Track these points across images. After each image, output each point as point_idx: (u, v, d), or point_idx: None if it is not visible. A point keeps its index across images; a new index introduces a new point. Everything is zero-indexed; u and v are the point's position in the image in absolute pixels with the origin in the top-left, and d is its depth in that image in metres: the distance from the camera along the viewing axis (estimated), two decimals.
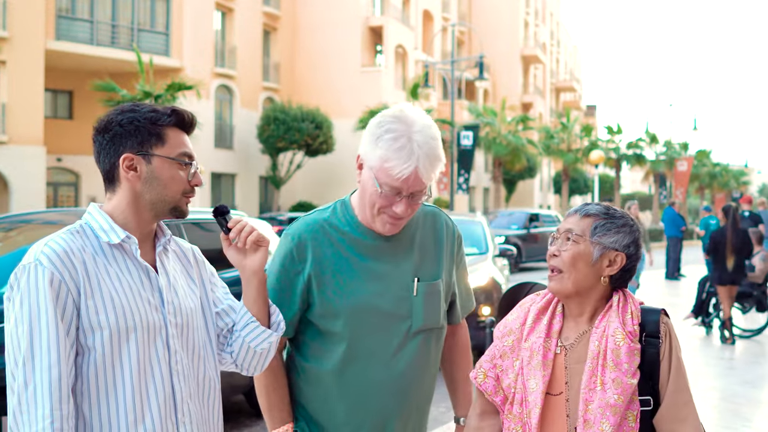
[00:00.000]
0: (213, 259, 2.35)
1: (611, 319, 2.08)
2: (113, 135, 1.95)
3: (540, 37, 61.83)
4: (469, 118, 39.50)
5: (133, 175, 1.94)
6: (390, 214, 2.21)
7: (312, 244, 2.26)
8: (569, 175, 47.27)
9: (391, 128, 2.16)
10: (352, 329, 2.23)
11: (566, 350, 2.13)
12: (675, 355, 2.07)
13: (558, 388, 2.12)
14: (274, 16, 37.09)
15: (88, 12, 28.69)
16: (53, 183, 29.41)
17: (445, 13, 49.97)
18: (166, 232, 2.07)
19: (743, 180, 69.39)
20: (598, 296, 2.14)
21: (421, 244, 2.36)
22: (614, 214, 2.16)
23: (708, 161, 60.08)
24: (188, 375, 1.99)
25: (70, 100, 31.07)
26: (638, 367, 2.03)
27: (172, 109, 1.99)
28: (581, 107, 71.12)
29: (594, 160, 19.85)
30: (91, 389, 1.85)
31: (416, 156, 2.13)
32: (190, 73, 29.84)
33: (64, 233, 1.91)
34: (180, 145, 1.99)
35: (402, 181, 2.14)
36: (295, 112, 32.58)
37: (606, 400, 2.00)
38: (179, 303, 2.01)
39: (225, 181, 34.24)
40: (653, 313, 2.11)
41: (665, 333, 2.08)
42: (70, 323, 1.82)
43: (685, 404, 2.05)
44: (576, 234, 2.13)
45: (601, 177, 52.87)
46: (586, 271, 2.11)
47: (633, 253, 2.15)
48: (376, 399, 2.25)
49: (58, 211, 6.80)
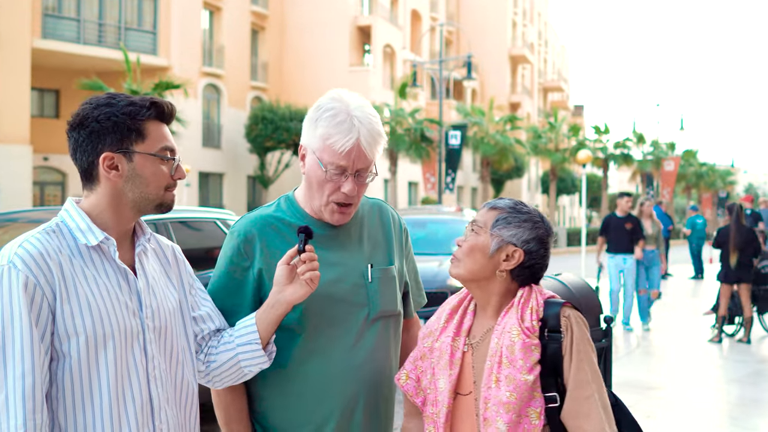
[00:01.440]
0: (198, 259, 2.33)
1: (510, 315, 2.04)
2: (90, 131, 1.87)
3: (528, 37, 61.93)
4: (457, 117, 39.51)
5: (114, 174, 1.87)
6: (337, 200, 2.18)
7: (260, 239, 2.22)
8: (557, 175, 47.37)
9: (329, 107, 2.16)
10: (309, 321, 2.18)
11: (473, 348, 2.10)
12: (576, 349, 1.99)
13: (467, 387, 2.08)
14: (262, 15, 37.01)
15: (75, 11, 28.53)
16: (40, 182, 29.23)
17: (434, 12, 49.99)
18: (146, 231, 2.00)
19: (729, 180, 69.65)
20: (498, 290, 2.10)
21: (370, 233, 2.35)
22: (520, 210, 2.11)
23: (694, 161, 60.34)
24: (166, 380, 1.94)
25: (57, 99, 30.88)
26: (541, 363, 1.98)
27: (150, 101, 1.91)
28: (569, 107, 71.26)
29: (581, 160, 19.80)
30: (66, 396, 1.78)
31: (357, 129, 2.13)
32: (178, 72, 29.74)
33: (40, 233, 1.83)
34: (161, 139, 1.92)
35: (345, 155, 2.12)
36: (283, 111, 32.53)
37: (499, 398, 1.96)
38: (158, 306, 1.95)
39: (213, 181, 34.14)
40: (554, 307, 2.04)
41: (566, 327, 2.01)
42: (44, 329, 1.75)
43: (587, 399, 1.96)
44: (478, 225, 2.12)
45: (588, 177, 52.96)
46: (483, 262, 2.08)
47: (534, 250, 2.08)
48: (339, 391, 2.19)
49: (44, 209, 6.75)
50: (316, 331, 2.19)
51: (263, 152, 33.42)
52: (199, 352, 2.10)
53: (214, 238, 6.24)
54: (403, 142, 31.36)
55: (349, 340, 2.22)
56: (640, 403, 7.07)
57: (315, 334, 2.19)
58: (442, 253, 9.55)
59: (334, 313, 2.21)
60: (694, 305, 14.31)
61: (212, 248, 6.22)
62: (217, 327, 2.13)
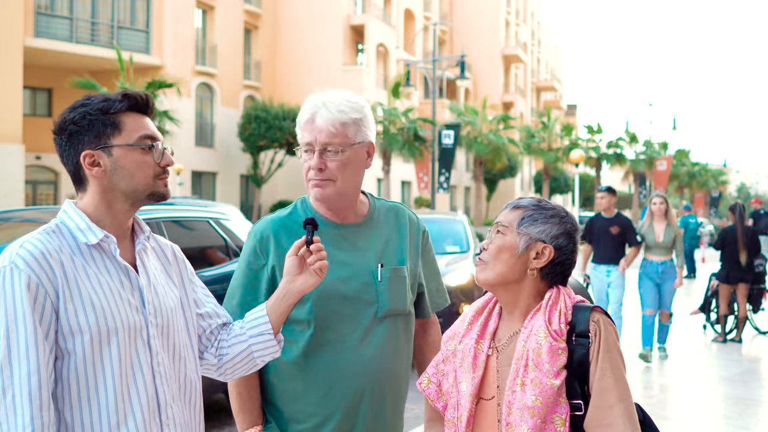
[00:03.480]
0: (193, 258, 2.36)
1: (537, 318, 1.98)
2: (69, 134, 1.89)
3: (521, 36, 61.99)
4: (451, 117, 39.55)
5: (97, 171, 1.88)
6: (311, 177, 2.31)
7: (274, 239, 2.35)
8: (550, 174, 47.48)
9: (308, 100, 2.35)
10: (318, 316, 2.28)
11: (498, 352, 2.05)
12: (603, 356, 1.92)
13: (490, 392, 2.04)
14: (255, 14, 36.97)
15: (68, 9, 28.45)
16: (32, 181, 29.14)
17: (427, 12, 50.00)
18: (145, 229, 2.02)
19: (722, 179, 69.88)
20: (528, 291, 2.04)
21: (383, 234, 2.44)
22: (545, 206, 2.07)
23: (687, 161, 60.54)
24: (170, 376, 1.95)
25: (49, 98, 30.80)
26: (567, 368, 1.92)
27: (122, 93, 1.92)
28: (562, 107, 71.40)
29: (574, 160, 19.95)
30: (72, 394, 1.80)
31: (318, 105, 2.30)
32: (171, 71, 29.68)
33: (40, 233, 1.85)
34: (138, 129, 1.92)
35: (304, 127, 2.30)
36: (276, 110, 32.50)
37: (524, 402, 1.90)
38: (159, 303, 1.96)
39: (206, 180, 34.09)
40: (583, 311, 1.97)
41: (595, 332, 1.94)
42: (48, 327, 1.76)
43: (610, 408, 1.88)
44: (503, 225, 2.06)
45: (581, 176, 53.14)
46: (512, 262, 2.01)
47: (563, 245, 2.03)
48: (345, 384, 2.29)
49: (37, 209, 6.74)
50: (325, 326, 2.29)
51: (256, 151, 33.39)
52: (209, 347, 2.13)
53: (206, 238, 6.24)
54: (396, 142, 31.37)
55: (357, 336, 2.31)
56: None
57: (325, 328, 2.29)
58: (437, 252, 9.54)
59: (344, 310, 2.31)
60: (686, 304, 14.34)
61: (204, 248, 6.22)
62: (224, 321, 2.18)
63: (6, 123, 24.97)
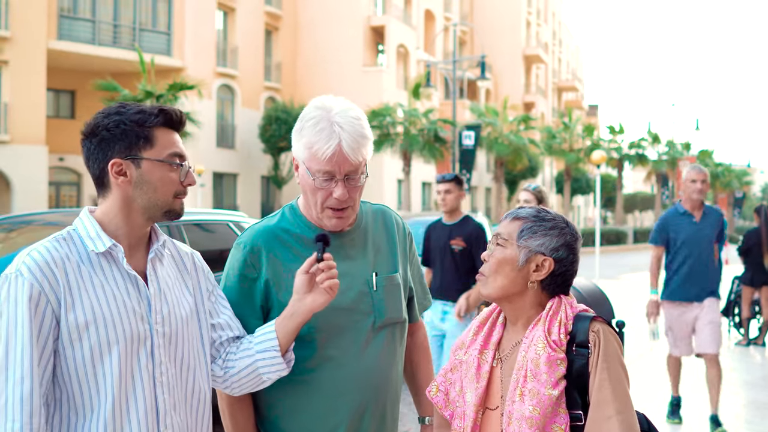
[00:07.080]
0: (213, 260, 2.35)
1: (537, 328, 1.98)
2: (100, 140, 1.90)
3: (542, 36, 61.77)
4: (471, 117, 39.45)
5: (123, 180, 1.90)
6: (331, 205, 2.19)
7: (265, 250, 2.23)
8: (571, 175, 47.22)
9: (311, 116, 2.18)
10: (318, 330, 2.20)
11: (501, 362, 2.05)
12: (602, 367, 1.90)
13: (495, 402, 2.04)
14: (276, 15, 37.10)
15: (90, 12, 28.72)
16: (55, 183, 29.45)
17: (447, 12, 49.94)
18: (160, 237, 2.02)
19: (746, 180, 69.25)
20: (530, 302, 2.04)
21: (374, 240, 2.36)
22: (544, 217, 2.05)
23: (710, 161, 59.96)
24: (174, 386, 1.95)
25: (72, 100, 31.10)
26: (567, 379, 1.91)
27: (159, 108, 1.94)
28: (583, 107, 71.05)
29: (596, 160, 19.79)
30: (70, 401, 1.82)
31: (338, 134, 2.12)
32: (192, 72, 29.86)
33: (50, 241, 1.87)
34: (169, 146, 1.94)
35: (328, 161, 2.12)
36: (297, 111, 32.55)
37: (522, 412, 1.90)
38: (169, 311, 1.96)
39: (227, 181, 34.25)
40: (584, 321, 1.96)
41: (594, 342, 1.93)
42: (47, 335, 1.78)
43: (607, 419, 1.85)
44: (503, 238, 2.06)
45: (603, 177, 52.82)
46: (512, 275, 2.02)
47: (563, 257, 2.03)
48: (349, 398, 2.22)
49: (60, 211, 6.80)
50: (325, 340, 2.21)
51: (277, 152, 33.51)
52: (217, 358, 2.11)
53: (226, 240, 6.26)
54: (416, 143, 31.33)
55: (357, 348, 2.24)
56: (653, 407, 7.04)
57: (324, 342, 2.21)
58: None
59: (341, 322, 2.22)
60: None
61: (225, 250, 6.25)
62: (237, 335, 2.14)
63: (30, 125, 25.25)
